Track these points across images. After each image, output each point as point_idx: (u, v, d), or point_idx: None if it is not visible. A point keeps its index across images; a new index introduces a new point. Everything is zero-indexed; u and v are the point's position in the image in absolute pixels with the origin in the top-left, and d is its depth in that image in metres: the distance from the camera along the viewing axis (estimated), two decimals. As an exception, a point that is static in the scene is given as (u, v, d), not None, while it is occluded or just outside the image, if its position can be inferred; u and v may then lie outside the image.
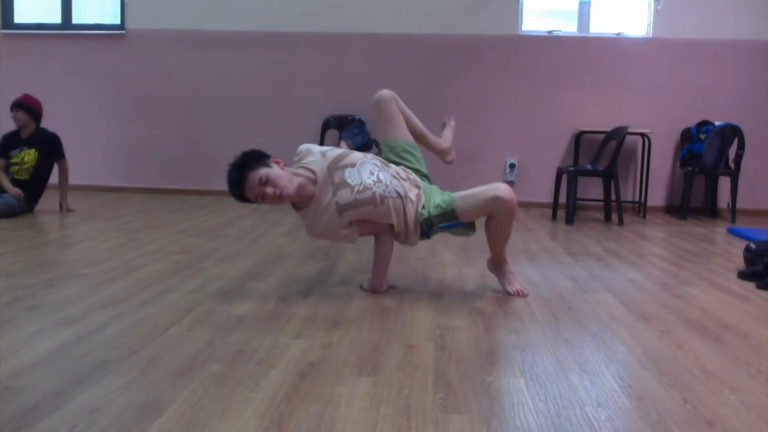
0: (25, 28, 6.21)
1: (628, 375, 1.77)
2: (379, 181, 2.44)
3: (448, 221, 2.44)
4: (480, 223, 2.52)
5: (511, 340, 2.04)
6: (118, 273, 2.81)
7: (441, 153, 2.91)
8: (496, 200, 2.33)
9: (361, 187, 2.41)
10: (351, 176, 2.42)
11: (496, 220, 2.44)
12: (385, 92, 2.68)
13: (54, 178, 4.77)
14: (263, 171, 2.32)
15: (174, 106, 6.10)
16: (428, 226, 2.52)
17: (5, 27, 6.21)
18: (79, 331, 2.01)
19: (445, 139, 2.93)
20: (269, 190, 2.30)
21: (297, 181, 2.40)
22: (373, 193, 2.41)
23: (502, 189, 2.34)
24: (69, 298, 2.39)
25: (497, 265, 2.68)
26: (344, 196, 2.40)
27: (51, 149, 4.70)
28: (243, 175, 2.32)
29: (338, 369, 1.75)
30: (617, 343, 2.04)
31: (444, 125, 3.02)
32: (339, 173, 2.43)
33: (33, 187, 4.59)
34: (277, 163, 2.41)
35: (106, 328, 2.05)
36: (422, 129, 2.81)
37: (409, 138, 2.72)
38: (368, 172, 2.45)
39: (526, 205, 5.75)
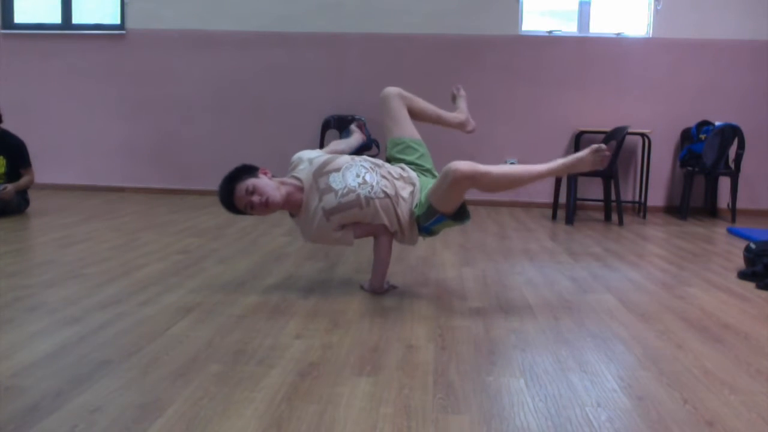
0: (25, 28, 6.20)
1: (628, 375, 1.77)
2: (365, 182, 2.45)
3: (432, 217, 2.39)
4: (478, 215, 2.50)
5: (511, 340, 2.04)
6: (118, 273, 2.81)
7: (461, 126, 2.88)
8: (457, 182, 2.18)
9: (345, 191, 2.43)
10: (335, 181, 2.45)
11: (479, 186, 2.26)
12: (390, 89, 2.69)
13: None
14: (250, 181, 2.42)
15: (174, 106, 6.10)
16: (419, 225, 2.49)
17: (5, 27, 6.20)
18: (79, 331, 2.01)
19: (460, 111, 2.91)
20: (255, 198, 2.39)
21: (284, 189, 2.47)
22: (358, 195, 2.42)
23: (456, 170, 2.16)
24: (69, 298, 2.39)
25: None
26: (329, 200, 2.43)
27: (16, 156, 4.52)
28: (232, 187, 2.43)
29: (338, 369, 1.75)
30: (617, 343, 2.04)
31: (454, 97, 2.99)
32: (324, 179, 2.47)
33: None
34: (265, 173, 2.50)
35: (106, 328, 2.05)
36: (436, 111, 2.79)
37: (415, 134, 2.72)
38: (354, 174, 2.46)
39: (526, 205, 5.75)
